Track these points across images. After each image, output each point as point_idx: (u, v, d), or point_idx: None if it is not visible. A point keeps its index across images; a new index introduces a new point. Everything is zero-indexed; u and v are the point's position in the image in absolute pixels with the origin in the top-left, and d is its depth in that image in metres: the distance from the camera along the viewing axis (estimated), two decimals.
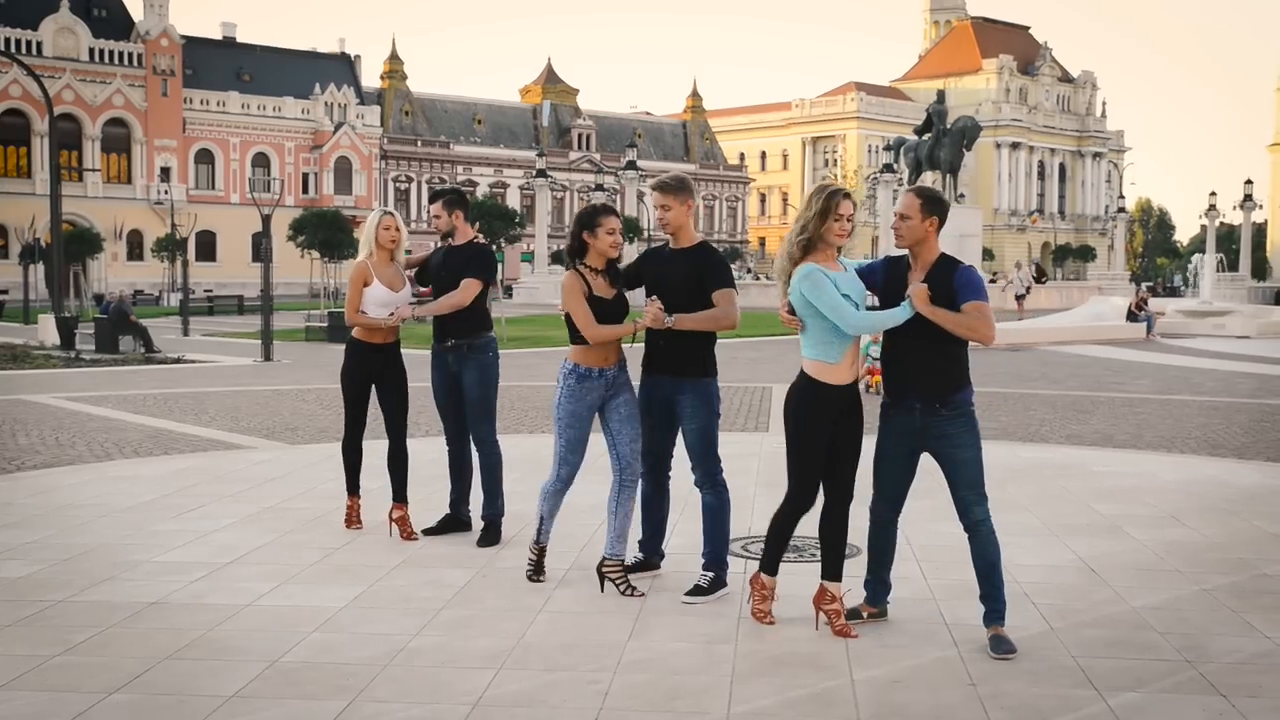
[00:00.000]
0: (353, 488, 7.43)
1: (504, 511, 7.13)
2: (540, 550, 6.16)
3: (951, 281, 5.06)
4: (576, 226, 5.83)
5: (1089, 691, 4.58)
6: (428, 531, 7.18)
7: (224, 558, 6.62)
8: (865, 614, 5.40)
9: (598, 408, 5.88)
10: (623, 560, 5.94)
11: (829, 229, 5.10)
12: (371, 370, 7.21)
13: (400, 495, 7.25)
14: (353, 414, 7.29)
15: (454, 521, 7.27)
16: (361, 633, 5.28)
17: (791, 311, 5.19)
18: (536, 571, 6.14)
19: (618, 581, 5.89)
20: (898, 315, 5.08)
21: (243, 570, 6.37)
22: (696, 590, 5.83)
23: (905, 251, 5.26)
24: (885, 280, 5.25)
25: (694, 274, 5.74)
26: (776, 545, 5.42)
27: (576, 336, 5.82)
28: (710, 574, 5.91)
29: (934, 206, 5.12)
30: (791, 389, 5.28)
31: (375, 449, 7.55)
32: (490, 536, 7.02)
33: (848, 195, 5.19)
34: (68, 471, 9.66)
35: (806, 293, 5.06)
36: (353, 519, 7.37)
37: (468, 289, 6.89)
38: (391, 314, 7.01)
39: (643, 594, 5.86)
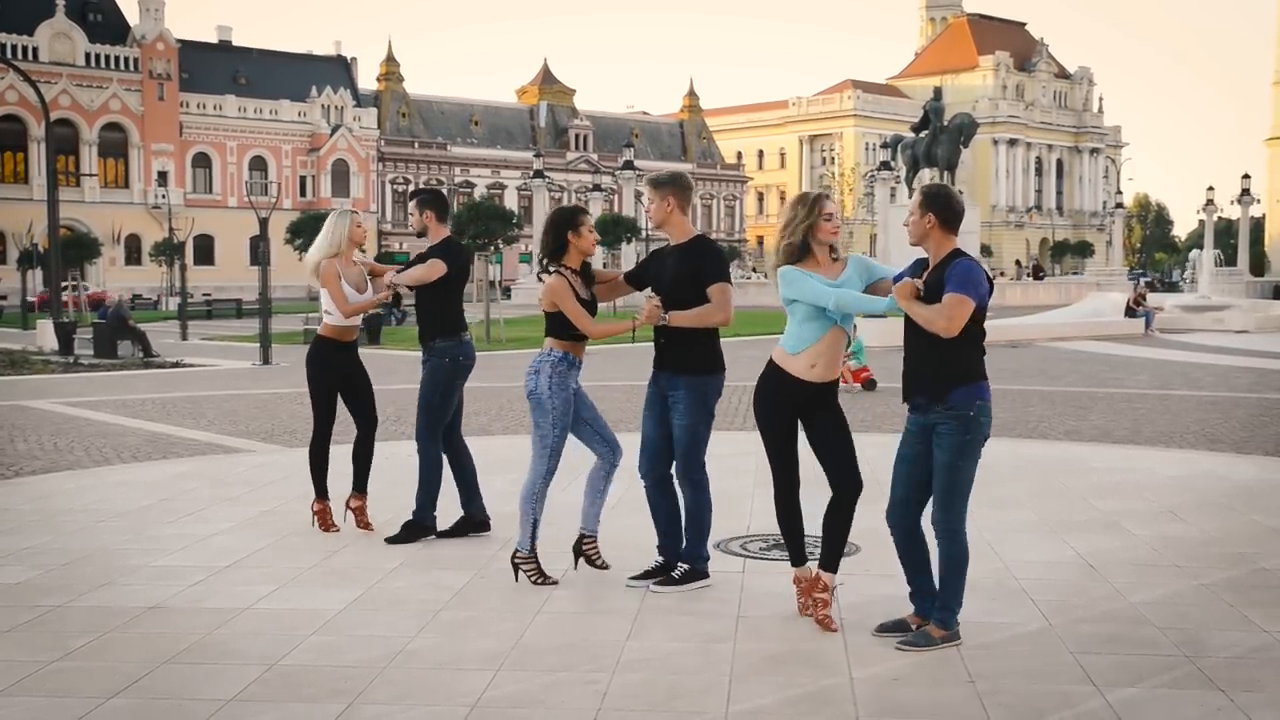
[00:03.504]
0: (324, 491, 7.43)
1: (428, 517, 7.08)
2: (535, 555, 6.08)
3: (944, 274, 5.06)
4: (558, 228, 5.94)
5: (1087, 687, 4.58)
6: (444, 534, 7.12)
7: (222, 561, 6.61)
8: (914, 625, 5.20)
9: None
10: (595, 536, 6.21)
11: (819, 229, 5.27)
12: (342, 369, 7.32)
13: (361, 486, 7.38)
14: (325, 415, 7.35)
15: (466, 522, 7.21)
16: (360, 635, 5.28)
17: None
18: (543, 576, 6.05)
19: (593, 557, 6.18)
20: (877, 304, 5.17)
21: (241, 574, 6.37)
22: (668, 580, 5.91)
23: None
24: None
25: (686, 269, 5.77)
26: (787, 534, 5.53)
27: (556, 330, 5.92)
28: (685, 566, 5.95)
29: (929, 202, 5.10)
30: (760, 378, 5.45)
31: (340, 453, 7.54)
32: (402, 535, 7.02)
33: (827, 196, 5.44)
34: (66, 477, 9.66)
35: (784, 290, 5.24)
36: (329, 522, 7.33)
37: (433, 266, 6.94)
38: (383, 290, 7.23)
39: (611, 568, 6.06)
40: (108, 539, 7.21)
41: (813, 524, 5.52)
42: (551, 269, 5.91)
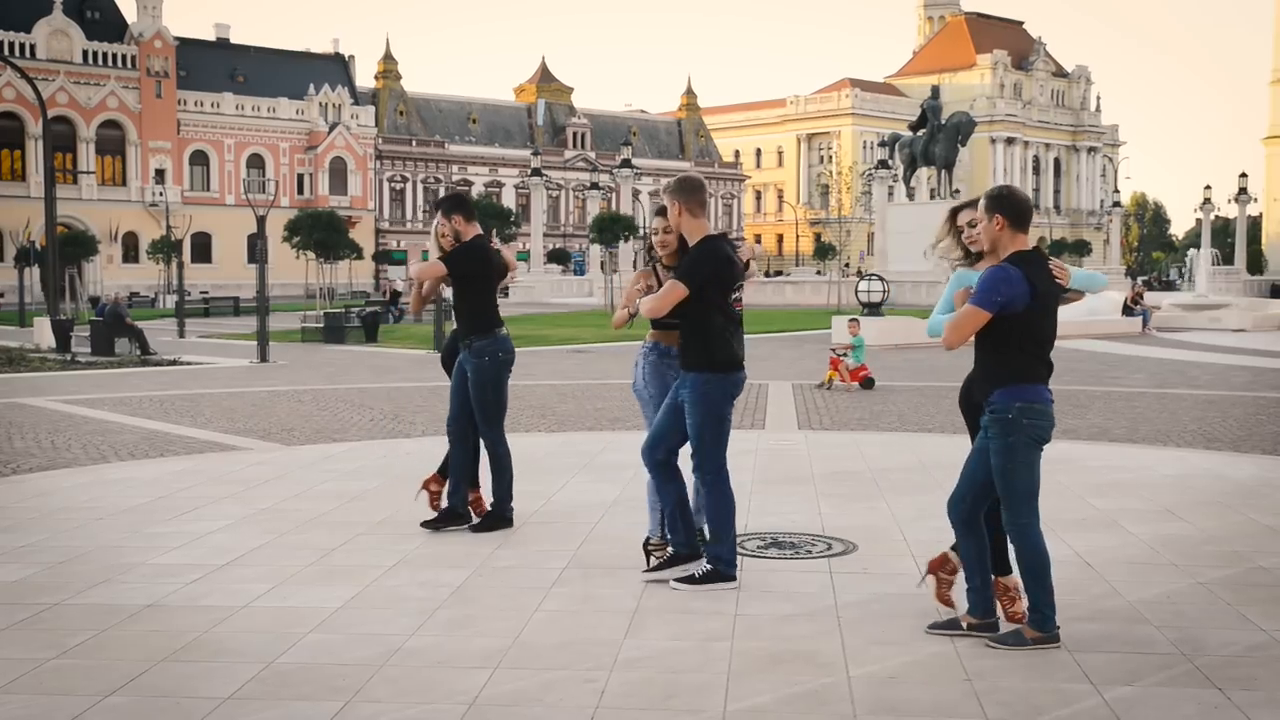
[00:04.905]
0: (476, 481, 7.50)
1: (507, 503, 7.31)
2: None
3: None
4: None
5: (1084, 686, 4.58)
6: (428, 524, 7.29)
7: (220, 559, 6.61)
8: (965, 624, 5.19)
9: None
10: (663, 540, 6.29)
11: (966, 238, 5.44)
12: None
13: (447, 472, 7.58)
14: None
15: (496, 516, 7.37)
16: (357, 633, 5.28)
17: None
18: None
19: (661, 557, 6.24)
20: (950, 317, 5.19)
21: (239, 572, 6.37)
22: (689, 579, 5.92)
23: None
24: None
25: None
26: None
27: (655, 323, 6.21)
28: (708, 567, 5.94)
29: (994, 204, 5.06)
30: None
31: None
32: (488, 522, 7.25)
33: (969, 205, 5.49)
34: (63, 474, 9.65)
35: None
36: (484, 507, 7.46)
37: (429, 265, 7.15)
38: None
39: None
40: (105, 537, 7.21)
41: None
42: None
